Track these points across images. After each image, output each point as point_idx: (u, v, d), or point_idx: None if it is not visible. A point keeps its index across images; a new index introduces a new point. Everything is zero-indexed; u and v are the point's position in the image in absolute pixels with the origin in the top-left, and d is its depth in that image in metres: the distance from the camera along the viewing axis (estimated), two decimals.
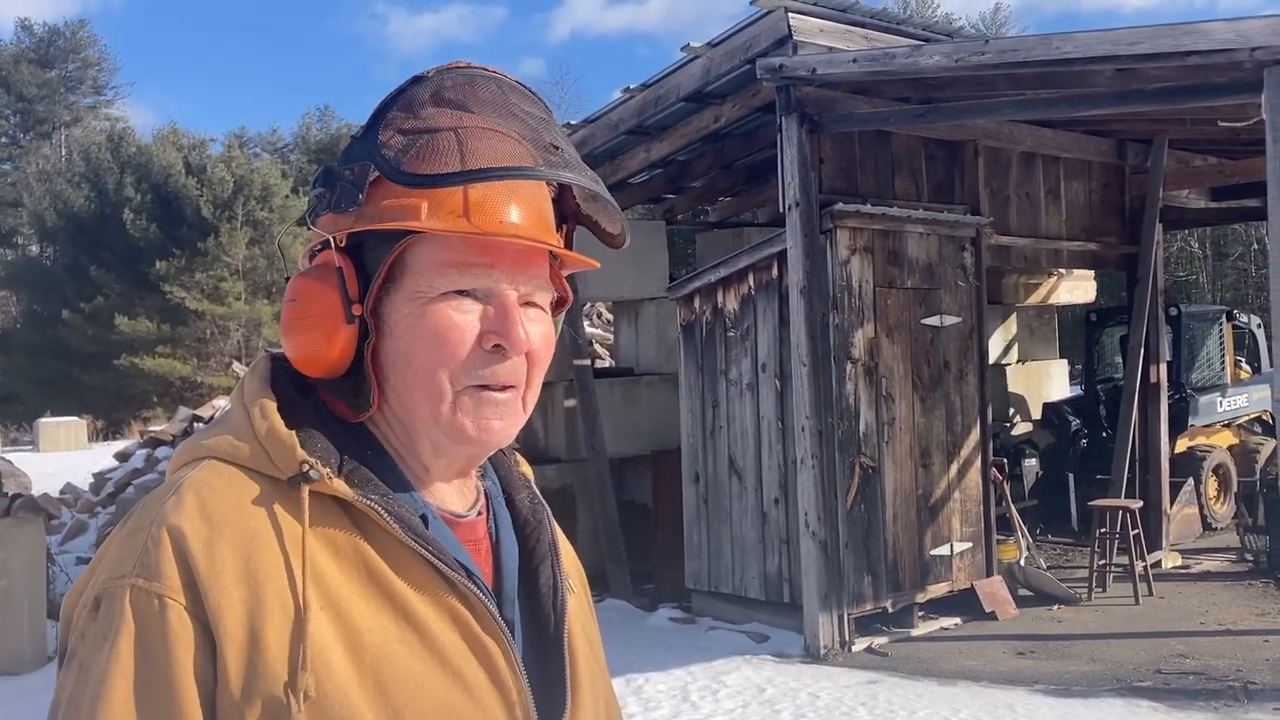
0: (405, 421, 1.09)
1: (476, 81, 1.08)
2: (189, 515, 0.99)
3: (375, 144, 1.05)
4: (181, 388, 31.34)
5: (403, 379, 1.07)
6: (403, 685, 1.00)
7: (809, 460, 7.83)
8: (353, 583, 1.02)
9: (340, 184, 1.05)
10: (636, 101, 9.50)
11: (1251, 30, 5.85)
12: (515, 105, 1.07)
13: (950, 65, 7.10)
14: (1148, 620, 8.46)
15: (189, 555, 0.97)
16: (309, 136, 46.57)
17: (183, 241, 31.63)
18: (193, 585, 0.97)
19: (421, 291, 1.05)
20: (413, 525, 1.04)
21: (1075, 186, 10.58)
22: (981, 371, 9.09)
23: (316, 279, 1.06)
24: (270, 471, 1.03)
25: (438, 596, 1.04)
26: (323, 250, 1.08)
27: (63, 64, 52.01)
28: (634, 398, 11.29)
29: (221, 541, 0.98)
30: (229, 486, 1.02)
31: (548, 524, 1.21)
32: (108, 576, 1.00)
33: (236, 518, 1.00)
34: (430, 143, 1.03)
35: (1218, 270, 30.71)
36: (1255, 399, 12.76)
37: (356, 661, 0.99)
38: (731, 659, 7.62)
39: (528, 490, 1.23)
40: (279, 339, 1.11)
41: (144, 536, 0.99)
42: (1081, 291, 14.62)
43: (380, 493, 1.05)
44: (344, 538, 1.03)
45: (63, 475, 16.34)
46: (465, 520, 1.13)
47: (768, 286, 8.55)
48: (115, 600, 0.97)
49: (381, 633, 1.01)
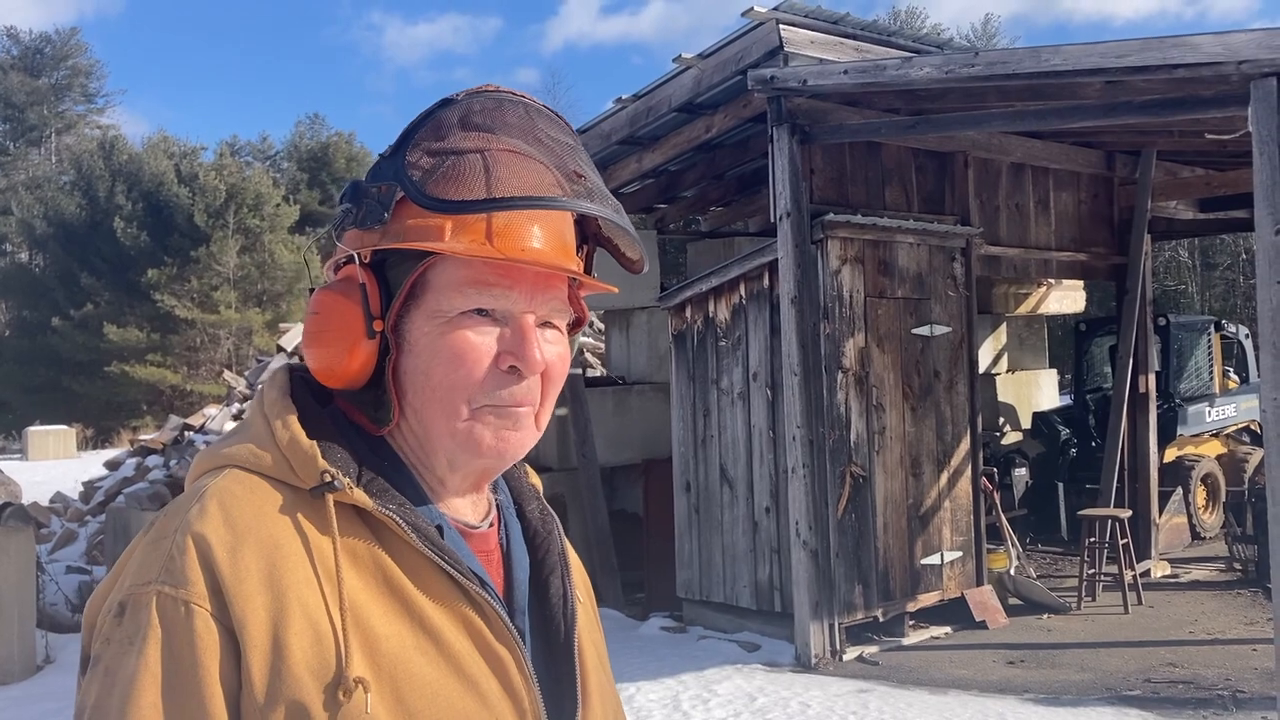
0: (422, 436, 1.11)
1: (505, 106, 1.10)
2: (213, 523, 1.01)
3: (402, 164, 1.06)
4: (172, 396, 31.27)
5: (420, 395, 1.09)
6: (419, 693, 1.02)
7: (800, 469, 7.86)
8: (370, 590, 1.04)
9: (366, 201, 1.07)
10: (628, 112, 9.54)
11: (1239, 44, 5.90)
12: (541, 130, 1.09)
13: (940, 77, 7.14)
14: (1137, 629, 8.50)
15: (214, 562, 0.99)
16: (300, 145, 46.51)
17: (174, 249, 31.58)
18: (218, 592, 0.98)
19: (442, 311, 1.07)
20: (429, 535, 1.06)
21: (1064, 197, 10.64)
22: (971, 381, 9.13)
23: (340, 293, 1.08)
24: (292, 481, 1.05)
25: (452, 605, 1.06)
26: (347, 264, 1.10)
27: (52, 72, 51.87)
28: (625, 407, 11.30)
29: (245, 549, 1.00)
30: (252, 495, 1.04)
31: (557, 535, 1.23)
32: (132, 583, 1.01)
33: (259, 526, 1.02)
34: (456, 165, 1.05)
35: (1206, 280, 30.85)
36: (1243, 409, 12.82)
37: (374, 669, 1.01)
38: (723, 668, 7.62)
39: (538, 501, 1.25)
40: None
41: (169, 544, 1.01)
42: (1071, 301, 14.69)
43: (398, 503, 1.07)
44: (362, 546, 1.05)
45: (52, 484, 16.29)
46: (478, 531, 1.16)
47: (759, 296, 8.58)
48: (141, 606, 0.99)
49: (398, 640, 1.03)
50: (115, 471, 14.31)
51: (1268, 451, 5.83)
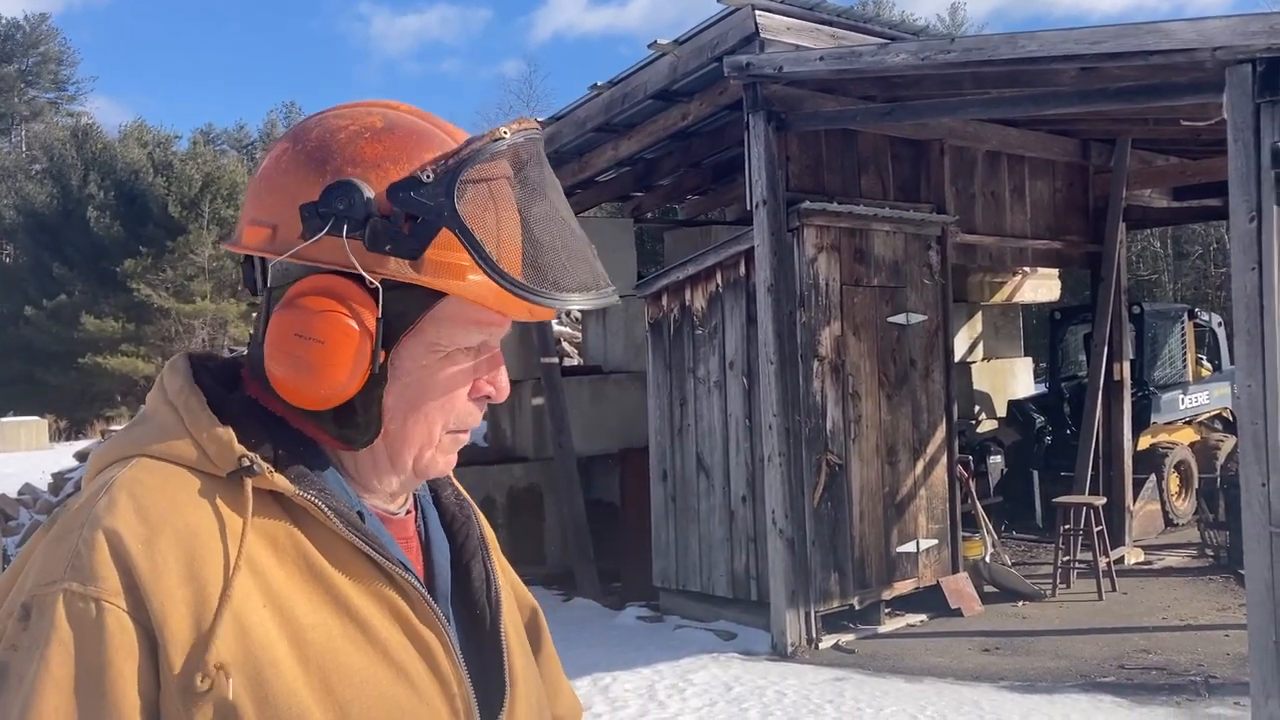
0: (378, 453, 1.09)
1: (540, 151, 1.07)
2: (124, 516, 0.96)
3: (454, 211, 0.99)
4: (145, 387, 30.96)
5: (403, 423, 1.07)
6: (348, 681, 0.99)
7: (776, 458, 7.84)
8: (294, 579, 1.01)
9: (382, 223, 0.99)
10: (604, 99, 9.48)
11: (1213, 30, 5.90)
12: (555, 185, 1.08)
13: (916, 64, 7.12)
14: (1111, 616, 8.54)
15: (128, 557, 0.94)
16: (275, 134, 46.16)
17: (148, 239, 31.28)
18: (134, 588, 0.93)
19: (441, 345, 1.06)
20: (351, 520, 1.04)
21: (1040, 185, 10.66)
22: (947, 369, 9.13)
23: (345, 322, 1.00)
24: (206, 468, 1.01)
25: (376, 590, 1.04)
26: (330, 275, 1.01)
27: (22, 58, 51.26)
28: (602, 396, 11.26)
29: (161, 541, 0.95)
30: (165, 484, 0.99)
31: (474, 519, 1.22)
32: (35, 583, 0.95)
33: (174, 516, 0.97)
34: (513, 232, 1.02)
35: (1179, 269, 31.07)
36: (1216, 396, 12.93)
37: (302, 659, 0.98)
38: (699, 657, 7.61)
39: (452, 488, 1.24)
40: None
41: (74, 539, 0.96)
42: (1046, 290, 14.74)
43: (318, 488, 1.03)
44: (283, 532, 1.02)
45: (22, 476, 16.08)
46: (396, 518, 1.14)
47: (735, 285, 8.55)
48: (47, 608, 0.93)
49: (325, 629, 1.00)
50: (85, 463, 14.17)
51: (1241, 438, 5.85)
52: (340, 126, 1.05)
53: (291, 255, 1.02)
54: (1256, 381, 5.62)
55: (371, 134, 1.03)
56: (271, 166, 1.06)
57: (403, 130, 1.04)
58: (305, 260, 1.02)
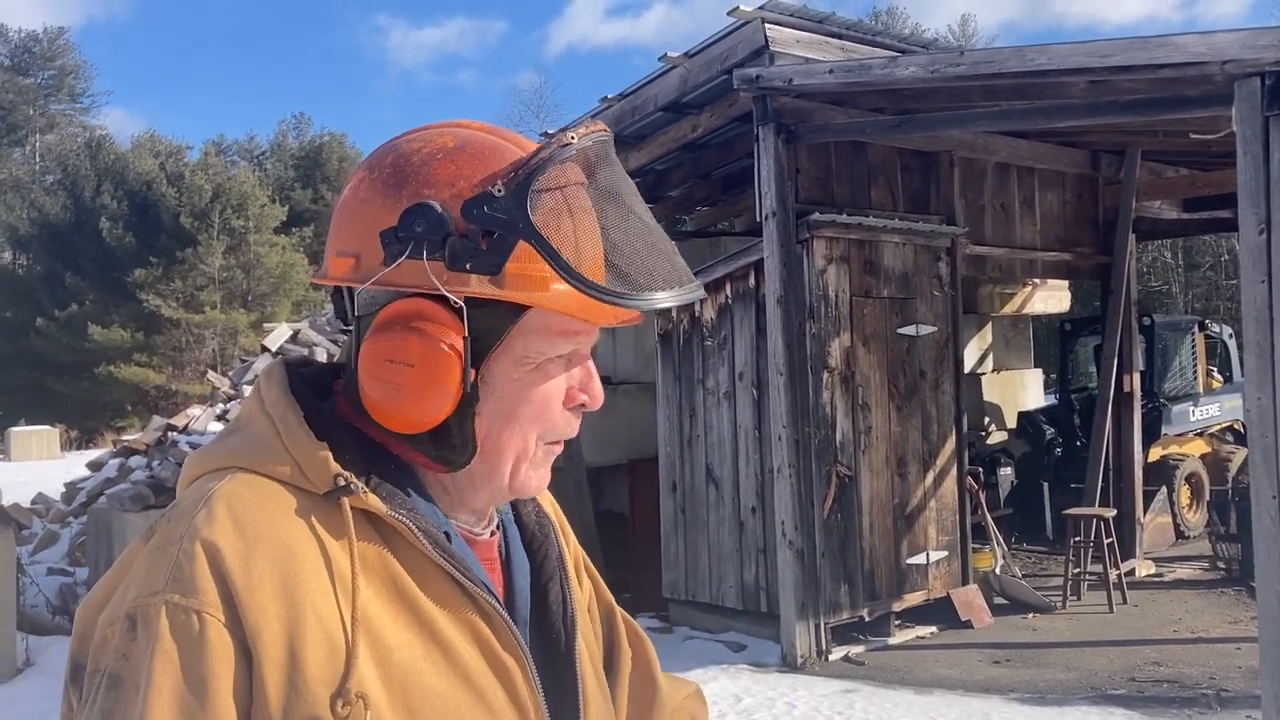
0: (474, 470, 1.08)
1: (610, 152, 1.07)
2: (223, 528, 0.96)
3: (529, 222, 0.99)
4: (156, 396, 31.12)
5: (498, 439, 1.06)
6: (429, 705, 0.99)
7: (786, 469, 7.85)
8: (380, 598, 1.01)
9: (462, 241, 0.99)
10: (614, 111, 9.52)
11: (1223, 44, 5.91)
12: (629, 185, 1.07)
13: (926, 76, 7.14)
14: (1122, 628, 8.51)
15: (225, 570, 0.95)
16: (285, 144, 46.37)
17: (159, 250, 31.46)
18: (230, 601, 0.94)
19: (530, 357, 1.05)
20: (439, 541, 1.04)
21: (1049, 197, 10.66)
22: (957, 380, 9.13)
23: (434, 344, 1.00)
24: (302, 484, 1.01)
25: (460, 613, 1.04)
26: (407, 299, 1.01)
27: (39, 71, 51.63)
28: (611, 406, 11.26)
29: (257, 556, 0.96)
30: (261, 499, 1.00)
31: (554, 538, 1.21)
32: (138, 593, 0.96)
33: (272, 532, 0.98)
34: (595, 238, 1.01)
35: (1189, 281, 31.00)
36: (1227, 408, 12.87)
37: (386, 681, 0.98)
38: (709, 668, 7.61)
39: (534, 504, 1.23)
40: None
41: (175, 550, 0.96)
42: (1056, 301, 14.72)
43: (408, 507, 1.03)
44: (373, 552, 1.02)
45: (34, 485, 16.16)
46: (481, 539, 1.14)
47: (745, 296, 8.57)
48: (151, 619, 0.94)
49: (409, 650, 1.00)
50: (98, 472, 14.21)
51: (1251, 451, 5.84)
52: (414, 150, 1.05)
53: (375, 282, 1.01)
54: (1266, 395, 5.62)
55: (444, 154, 1.03)
56: (350, 197, 1.07)
57: (474, 148, 1.04)
58: (390, 286, 1.01)
